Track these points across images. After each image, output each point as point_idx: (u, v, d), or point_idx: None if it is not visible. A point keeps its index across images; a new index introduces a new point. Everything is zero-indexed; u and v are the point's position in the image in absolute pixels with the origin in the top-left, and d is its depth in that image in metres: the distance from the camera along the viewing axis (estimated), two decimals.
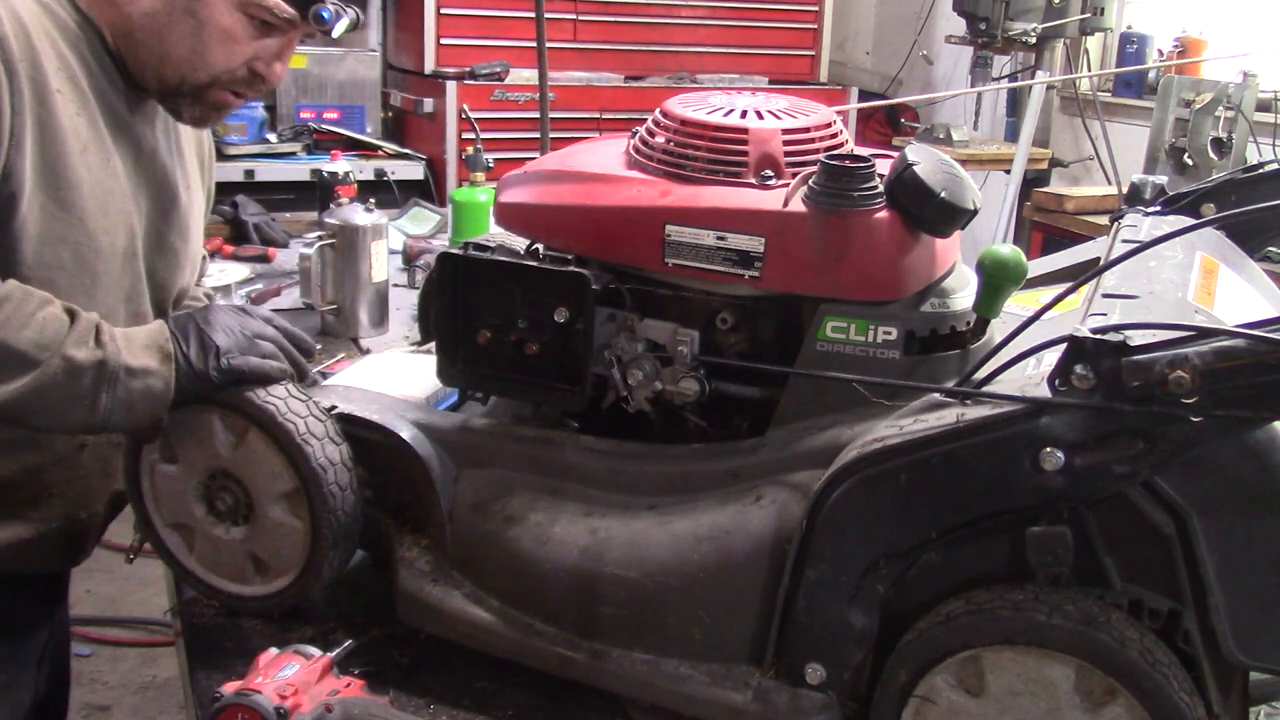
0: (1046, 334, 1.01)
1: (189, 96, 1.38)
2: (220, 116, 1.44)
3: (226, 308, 1.28)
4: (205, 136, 1.65)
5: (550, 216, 1.25)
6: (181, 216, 1.50)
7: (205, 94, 1.38)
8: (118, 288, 1.38)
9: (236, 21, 1.34)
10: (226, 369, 1.21)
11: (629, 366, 1.21)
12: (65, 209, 1.29)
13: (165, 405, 1.21)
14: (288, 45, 1.40)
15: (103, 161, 1.34)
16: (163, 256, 1.47)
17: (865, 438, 1.04)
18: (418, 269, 2.65)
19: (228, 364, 1.21)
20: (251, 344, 1.24)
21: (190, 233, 1.53)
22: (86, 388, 1.17)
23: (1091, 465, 0.94)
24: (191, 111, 1.41)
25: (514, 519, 1.21)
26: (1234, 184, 1.39)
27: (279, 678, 1.03)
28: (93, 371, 1.17)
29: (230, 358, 1.21)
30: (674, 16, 4.90)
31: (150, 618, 3.35)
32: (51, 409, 1.17)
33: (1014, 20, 4.27)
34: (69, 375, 1.16)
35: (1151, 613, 0.99)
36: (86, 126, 1.32)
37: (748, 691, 1.08)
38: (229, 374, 1.21)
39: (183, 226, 1.51)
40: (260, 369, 1.23)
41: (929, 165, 1.10)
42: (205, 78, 1.36)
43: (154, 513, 1.32)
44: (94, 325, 1.20)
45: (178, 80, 1.36)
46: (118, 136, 1.37)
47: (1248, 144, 3.65)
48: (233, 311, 1.28)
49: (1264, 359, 0.86)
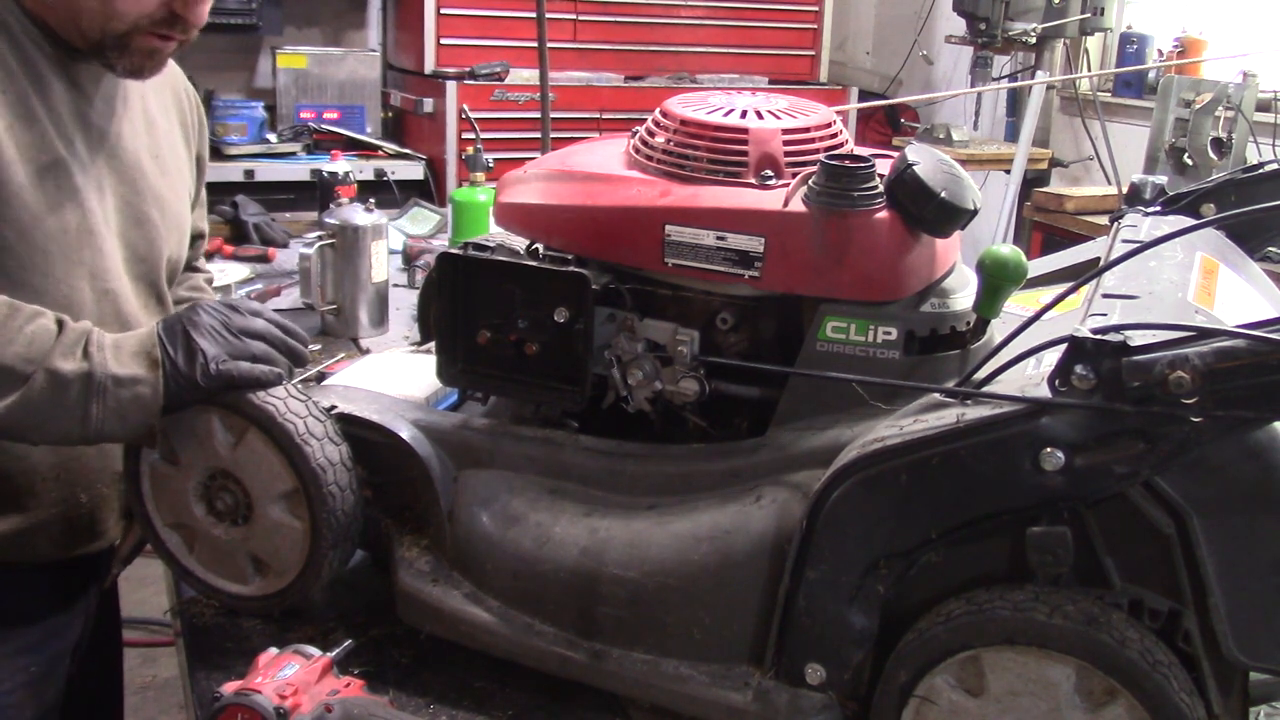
0: (1046, 334, 1.01)
1: (115, 48, 1.34)
2: (158, 63, 1.39)
3: (214, 306, 1.26)
4: (185, 99, 1.62)
5: (550, 216, 1.25)
6: (152, 185, 1.47)
7: (130, 42, 1.34)
8: (76, 266, 1.35)
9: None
10: (215, 375, 1.19)
11: (629, 366, 1.21)
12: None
13: (156, 412, 1.19)
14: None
15: (35, 138, 1.31)
16: (139, 229, 1.45)
17: (865, 438, 1.04)
18: (418, 269, 2.65)
19: (215, 370, 1.19)
20: (242, 344, 1.22)
21: (166, 201, 1.50)
22: (75, 400, 1.16)
23: (1092, 465, 0.94)
24: (124, 62, 1.36)
25: (514, 519, 1.20)
26: (1234, 184, 1.39)
27: (279, 678, 1.03)
28: (79, 383, 1.16)
29: (218, 363, 1.20)
30: (674, 16, 4.90)
31: (150, 618, 3.34)
32: (41, 423, 1.16)
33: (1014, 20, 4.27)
34: (55, 388, 1.15)
35: (1152, 613, 0.99)
36: (15, 102, 1.29)
37: (748, 692, 1.08)
38: (217, 380, 1.20)
39: (156, 195, 1.47)
40: (250, 374, 1.20)
41: (929, 165, 1.10)
42: (122, 26, 1.32)
43: (154, 513, 1.32)
44: (83, 336, 1.19)
45: (98, 33, 1.32)
46: (57, 111, 1.34)
47: (1248, 144, 3.65)
48: (221, 310, 1.25)
49: (1264, 359, 0.86)
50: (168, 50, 1.39)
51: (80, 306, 1.35)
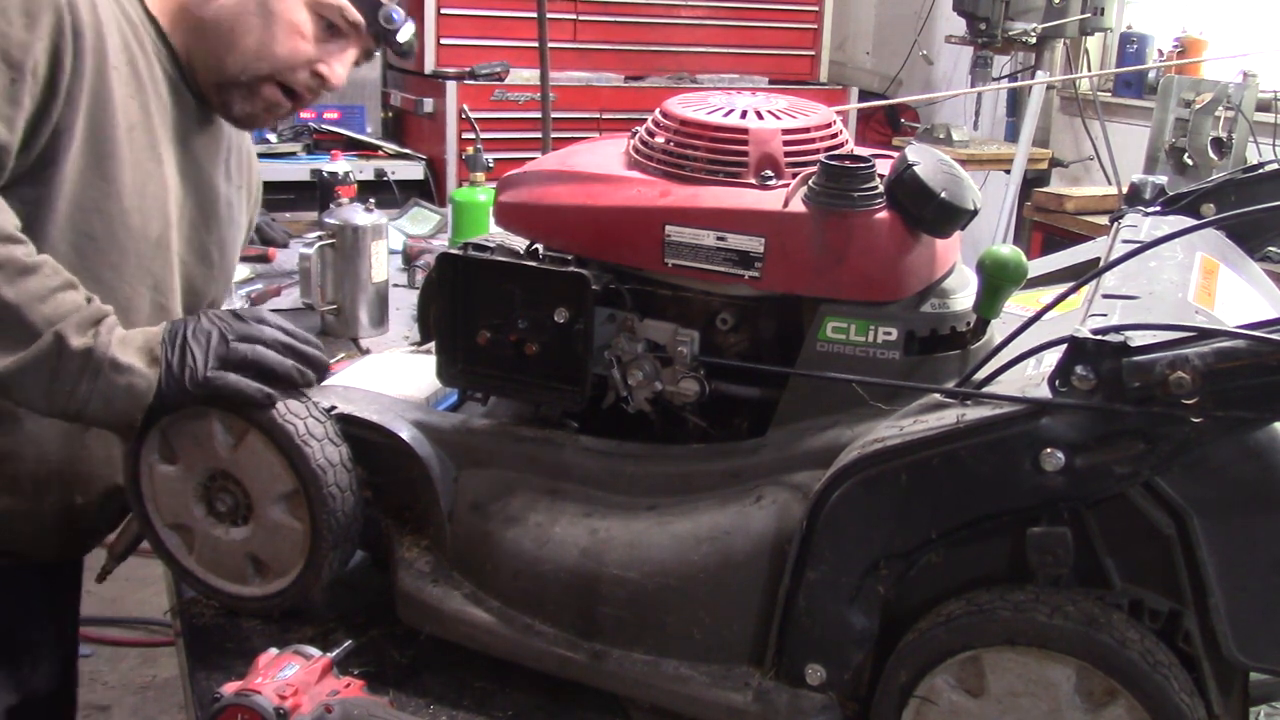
0: (1047, 334, 1.01)
1: (245, 88, 1.42)
2: (269, 119, 1.48)
3: (219, 314, 1.26)
4: (252, 167, 1.69)
5: (550, 216, 1.25)
6: (221, 229, 1.54)
7: (261, 88, 1.43)
8: (145, 273, 1.39)
9: (306, 20, 1.42)
10: (200, 382, 1.19)
11: (629, 367, 1.21)
12: (104, 179, 1.32)
13: (143, 406, 1.20)
14: (350, 51, 1.47)
15: (148, 145, 1.37)
16: (200, 263, 1.50)
17: (865, 438, 1.04)
18: (418, 269, 2.65)
19: (202, 378, 1.19)
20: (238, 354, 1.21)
21: (228, 248, 1.57)
22: (70, 372, 1.17)
23: (1092, 466, 0.94)
24: (243, 105, 1.44)
25: (514, 519, 1.20)
26: (1234, 184, 1.39)
27: (279, 678, 1.03)
28: (79, 357, 1.17)
29: (206, 371, 1.20)
30: (674, 16, 4.90)
31: (150, 618, 3.35)
32: (36, 385, 1.17)
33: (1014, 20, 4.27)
34: (56, 355, 1.16)
35: (1152, 613, 0.99)
36: (138, 110, 1.36)
37: (748, 692, 1.08)
38: (203, 387, 1.19)
39: (221, 239, 1.54)
40: (234, 386, 1.19)
41: (929, 165, 1.10)
42: (267, 68, 1.41)
43: (154, 513, 1.32)
44: (100, 316, 1.20)
45: (238, 70, 1.41)
46: (166, 130, 1.41)
47: (1248, 144, 3.65)
48: (224, 318, 1.25)
49: (1265, 360, 0.86)
50: (284, 109, 1.48)
51: (138, 313, 1.39)
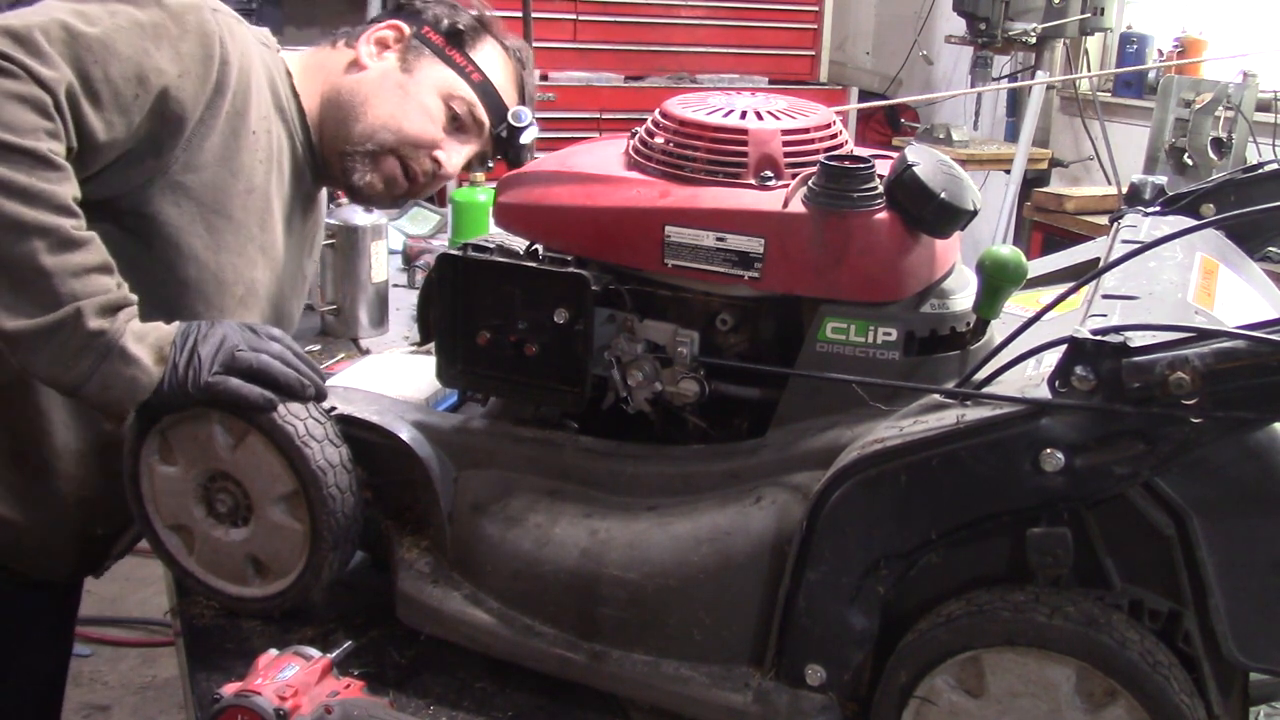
0: (1046, 335, 1.01)
1: (369, 157, 1.49)
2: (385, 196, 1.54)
3: (234, 324, 1.26)
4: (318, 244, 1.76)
5: (550, 217, 1.25)
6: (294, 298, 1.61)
7: (383, 160, 1.50)
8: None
9: (437, 106, 1.51)
10: (203, 386, 1.20)
11: (629, 367, 1.21)
12: (210, 231, 1.37)
13: (139, 400, 1.20)
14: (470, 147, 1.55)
15: (260, 211, 1.43)
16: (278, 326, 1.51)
17: (865, 439, 1.04)
18: (418, 269, 2.64)
19: (204, 382, 1.20)
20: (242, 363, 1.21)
21: (292, 320, 1.63)
22: (77, 348, 1.17)
23: (1092, 466, 0.94)
24: (364, 175, 1.51)
25: (514, 520, 1.20)
26: (1234, 184, 1.39)
27: (279, 679, 1.03)
28: (92, 338, 1.17)
29: (210, 375, 1.20)
30: (674, 16, 4.90)
31: (150, 618, 3.35)
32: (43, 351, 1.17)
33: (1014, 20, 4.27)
34: (71, 329, 1.16)
35: (1152, 614, 0.99)
36: (262, 176, 1.41)
37: (748, 693, 1.08)
38: (205, 391, 1.20)
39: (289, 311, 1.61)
40: (237, 392, 1.20)
41: (929, 166, 1.10)
42: (393, 139, 1.49)
43: (153, 514, 1.32)
44: (121, 303, 1.20)
45: (365, 137, 1.48)
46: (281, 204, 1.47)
47: (1248, 144, 3.65)
48: (237, 328, 1.25)
49: (1264, 360, 0.86)
50: (400, 188, 1.54)
51: None
